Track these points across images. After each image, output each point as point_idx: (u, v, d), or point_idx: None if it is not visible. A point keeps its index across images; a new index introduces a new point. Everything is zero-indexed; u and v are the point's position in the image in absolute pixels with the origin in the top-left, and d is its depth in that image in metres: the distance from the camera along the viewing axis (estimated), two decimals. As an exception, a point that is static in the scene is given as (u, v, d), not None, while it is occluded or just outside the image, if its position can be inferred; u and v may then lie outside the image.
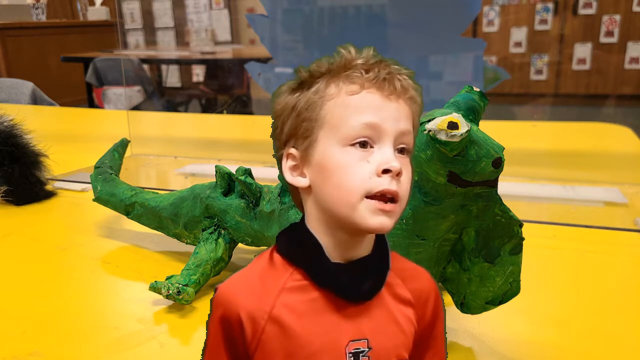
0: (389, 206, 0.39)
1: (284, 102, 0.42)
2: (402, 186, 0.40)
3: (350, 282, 0.41)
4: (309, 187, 0.41)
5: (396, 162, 0.39)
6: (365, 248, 0.42)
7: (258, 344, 0.40)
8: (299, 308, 0.40)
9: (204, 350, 0.43)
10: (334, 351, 0.40)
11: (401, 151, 0.41)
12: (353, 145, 0.39)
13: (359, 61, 0.41)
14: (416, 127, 0.43)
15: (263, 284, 0.41)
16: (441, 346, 0.47)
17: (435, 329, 0.46)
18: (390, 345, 0.41)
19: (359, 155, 0.39)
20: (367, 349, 0.40)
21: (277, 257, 0.42)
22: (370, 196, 0.39)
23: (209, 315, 0.42)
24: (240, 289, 0.41)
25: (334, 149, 0.40)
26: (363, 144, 0.39)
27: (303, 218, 0.43)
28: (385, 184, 0.39)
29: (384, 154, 0.39)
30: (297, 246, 0.42)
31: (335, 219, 0.40)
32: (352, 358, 0.40)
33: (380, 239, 0.43)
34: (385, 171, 0.39)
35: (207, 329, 0.42)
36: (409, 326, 0.43)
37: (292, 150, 0.42)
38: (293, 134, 0.42)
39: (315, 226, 0.42)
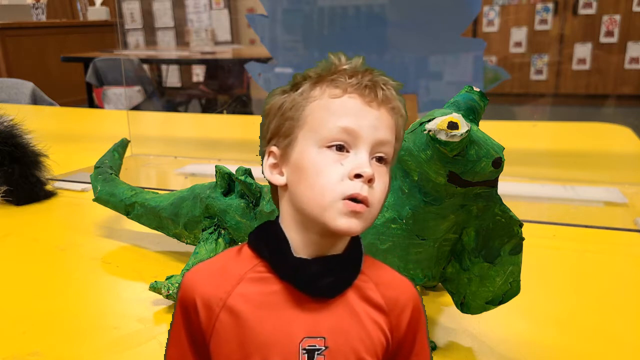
0: (359, 206, 0.39)
1: (273, 102, 0.43)
2: (375, 193, 0.40)
3: (310, 275, 0.41)
4: (286, 185, 0.42)
5: (369, 168, 0.39)
6: (336, 249, 0.42)
7: (213, 330, 0.41)
8: (256, 299, 0.41)
9: (169, 332, 0.44)
10: (287, 345, 0.40)
11: (379, 160, 0.41)
12: (329, 147, 0.40)
13: (346, 67, 0.42)
14: (400, 139, 0.43)
15: (223, 273, 0.42)
16: None
17: (415, 346, 0.44)
18: (350, 346, 0.41)
19: (334, 157, 0.40)
20: (323, 348, 0.40)
21: (246, 249, 0.43)
22: (341, 199, 0.39)
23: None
24: (200, 276, 0.42)
25: (311, 150, 0.40)
26: (339, 148, 0.40)
27: (278, 217, 0.44)
28: (357, 188, 0.39)
29: (358, 159, 0.40)
30: (264, 240, 0.43)
31: (307, 218, 0.41)
32: (305, 354, 0.40)
33: (355, 242, 0.43)
34: (357, 176, 0.39)
35: (173, 312, 0.44)
36: (377, 332, 0.42)
37: (274, 148, 0.43)
38: (276, 132, 0.43)
39: (288, 225, 0.42)
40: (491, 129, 0.66)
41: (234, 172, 0.86)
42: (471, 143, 0.58)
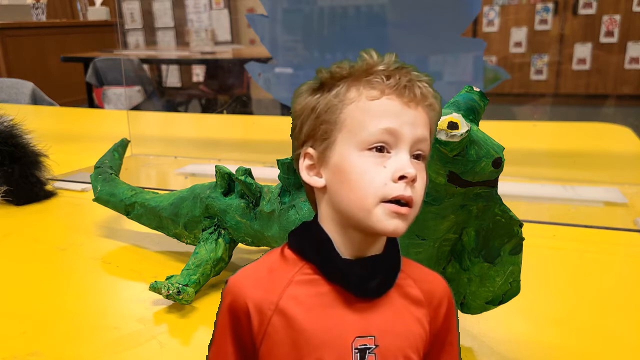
0: (404, 209, 0.40)
1: (304, 102, 0.43)
2: (417, 192, 0.40)
3: (359, 277, 0.41)
4: (325, 187, 0.42)
5: (412, 168, 0.40)
6: (376, 248, 0.43)
7: (264, 334, 0.41)
8: (307, 301, 0.41)
9: (211, 341, 0.44)
10: (340, 345, 0.40)
11: (417, 157, 0.41)
12: (370, 149, 0.40)
13: (381, 67, 0.42)
14: (432, 134, 0.44)
15: (272, 276, 0.42)
16: (455, 353, 0.47)
17: (449, 335, 0.46)
18: (398, 344, 0.42)
19: (375, 160, 0.40)
20: (373, 346, 0.41)
21: (288, 252, 0.43)
22: (385, 201, 0.39)
23: (219, 307, 0.43)
24: (248, 280, 0.42)
25: (352, 153, 0.40)
26: (380, 149, 0.40)
27: (316, 217, 0.44)
28: (401, 189, 0.39)
29: (401, 160, 0.40)
30: (308, 241, 0.43)
31: (350, 219, 0.41)
32: (358, 354, 0.40)
33: (392, 240, 0.44)
34: (401, 177, 0.39)
35: (215, 320, 0.43)
36: (419, 328, 0.43)
37: (310, 150, 0.43)
38: (311, 135, 0.43)
39: (328, 225, 0.43)
40: (491, 129, 0.66)
41: (234, 172, 0.86)
42: (471, 143, 0.58)
